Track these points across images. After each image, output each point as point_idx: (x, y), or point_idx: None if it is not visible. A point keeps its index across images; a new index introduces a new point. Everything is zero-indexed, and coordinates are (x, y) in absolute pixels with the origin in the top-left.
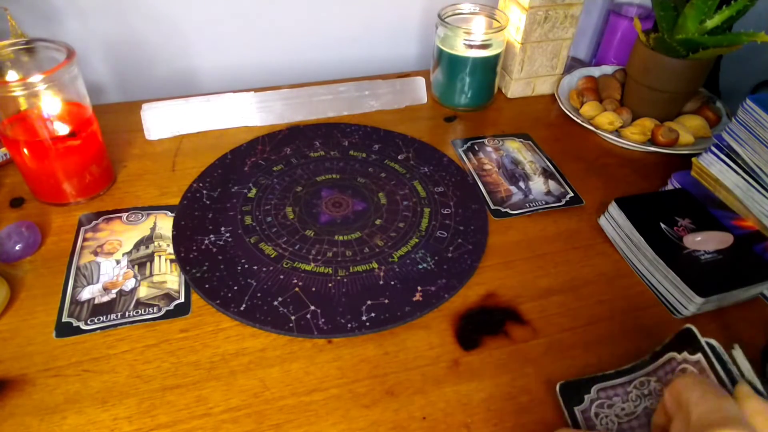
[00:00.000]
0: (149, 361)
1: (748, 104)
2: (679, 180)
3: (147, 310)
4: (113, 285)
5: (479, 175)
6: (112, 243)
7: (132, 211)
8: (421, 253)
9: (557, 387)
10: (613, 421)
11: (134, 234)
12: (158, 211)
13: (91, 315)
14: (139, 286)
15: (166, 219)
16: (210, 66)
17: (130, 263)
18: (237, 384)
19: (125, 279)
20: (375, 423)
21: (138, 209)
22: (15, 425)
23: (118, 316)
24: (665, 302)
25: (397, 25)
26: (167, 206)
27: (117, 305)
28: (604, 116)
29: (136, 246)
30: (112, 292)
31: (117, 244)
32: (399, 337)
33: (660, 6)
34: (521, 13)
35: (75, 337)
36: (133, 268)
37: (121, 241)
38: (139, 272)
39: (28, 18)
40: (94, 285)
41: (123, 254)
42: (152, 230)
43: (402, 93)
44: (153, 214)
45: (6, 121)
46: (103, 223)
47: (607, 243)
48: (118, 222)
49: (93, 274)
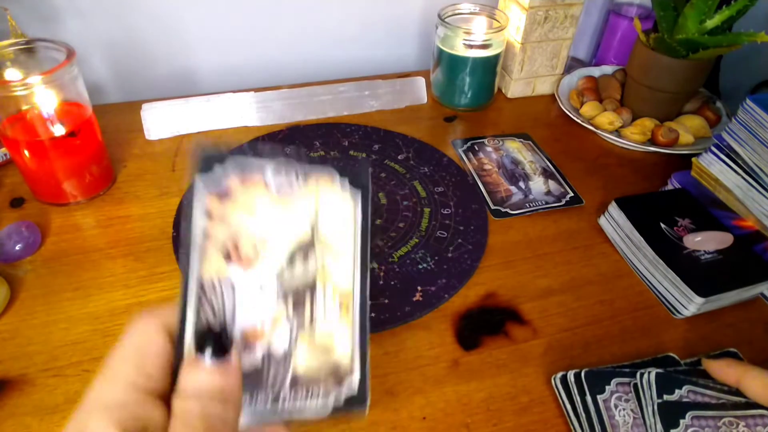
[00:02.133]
0: None
1: (748, 104)
2: (679, 180)
3: (308, 400)
4: (256, 336)
5: (479, 175)
6: (250, 237)
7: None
8: (421, 253)
9: (582, 374)
10: (629, 415)
11: (286, 220)
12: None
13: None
14: (296, 348)
15: (331, 187)
16: (210, 66)
17: (282, 292)
18: None
19: (275, 326)
20: (375, 423)
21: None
22: (15, 425)
23: (267, 403)
24: (665, 302)
25: (397, 25)
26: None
27: (264, 378)
28: (604, 116)
29: (290, 256)
30: (257, 351)
31: (257, 244)
32: (399, 337)
33: (660, 6)
34: (521, 13)
35: (75, 335)
36: (285, 304)
37: (263, 238)
38: (294, 314)
39: (28, 18)
40: (228, 326)
41: (267, 268)
42: (314, 222)
43: (402, 93)
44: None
45: (6, 121)
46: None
47: (607, 243)
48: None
49: (223, 304)
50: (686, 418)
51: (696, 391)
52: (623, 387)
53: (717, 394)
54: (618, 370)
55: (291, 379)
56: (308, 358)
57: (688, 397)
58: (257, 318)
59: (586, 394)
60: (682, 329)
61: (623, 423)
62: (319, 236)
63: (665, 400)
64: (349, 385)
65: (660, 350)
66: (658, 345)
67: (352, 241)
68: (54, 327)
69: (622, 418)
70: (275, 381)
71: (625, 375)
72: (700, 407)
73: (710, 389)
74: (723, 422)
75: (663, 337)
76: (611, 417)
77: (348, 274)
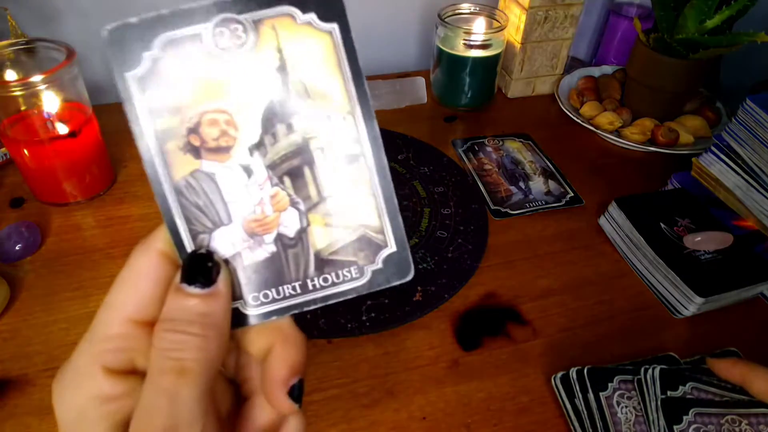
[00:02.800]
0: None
1: (748, 104)
2: (679, 180)
3: (342, 281)
4: (261, 225)
5: (479, 175)
6: (214, 121)
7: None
8: (421, 253)
9: (585, 371)
10: (631, 412)
11: (246, 87)
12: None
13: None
14: (311, 228)
15: (296, 29)
16: None
17: (274, 170)
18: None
19: (279, 209)
20: (375, 423)
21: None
22: (15, 425)
23: (296, 293)
24: (665, 302)
25: (397, 25)
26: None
27: (285, 268)
28: (604, 116)
29: (266, 125)
30: (267, 241)
31: (222, 125)
32: (399, 337)
33: (660, 6)
34: (521, 13)
35: (75, 335)
36: (282, 182)
37: (227, 117)
38: (297, 191)
39: (28, 18)
40: (227, 226)
41: (244, 149)
42: (283, 77)
43: (402, 93)
44: (269, 20)
45: (6, 121)
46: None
47: (607, 243)
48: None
49: (210, 201)
50: (689, 414)
51: (700, 388)
52: (626, 384)
53: (721, 392)
54: (621, 368)
55: (315, 263)
56: (328, 236)
57: (692, 393)
58: (255, 207)
59: (588, 391)
60: (682, 329)
61: (625, 420)
62: (297, 91)
63: (669, 397)
64: (386, 259)
65: (660, 350)
66: (658, 345)
67: (341, 87)
68: (54, 327)
69: (624, 416)
70: (298, 268)
71: (628, 372)
72: (703, 404)
73: (714, 387)
74: (726, 420)
75: (663, 337)
76: (613, 414)
77: (349, 128)
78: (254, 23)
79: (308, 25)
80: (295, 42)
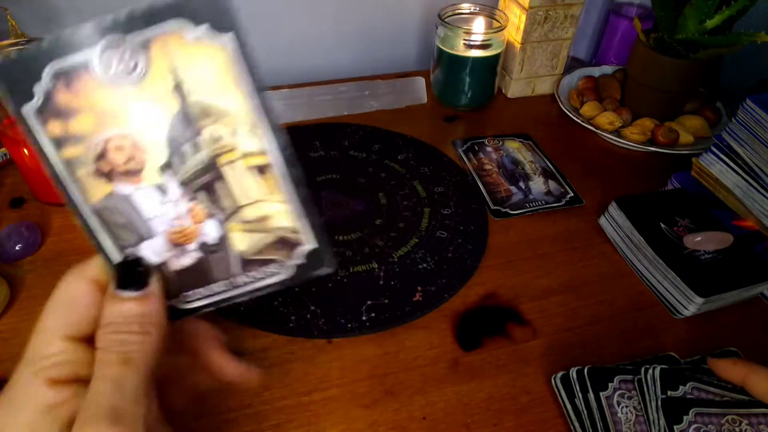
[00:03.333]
0: None
1: (748, 104)
2: (679, 180)
3: (267, 276)
4: (183, 236)
5: (479, 175)
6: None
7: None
8: (421, 253)
9: (585, 370)
10: (631, 412)
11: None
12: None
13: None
14: (230, 234)
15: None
16: None
17: (187, 186)
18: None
19: (197, 220)
20: (375, 423)
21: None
22: None
23: (226, 291)
24: (665, 302)
25: (397, 25)
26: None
27: (210, 272)
28: (604, 116)
29: (171, 145)
30: (191, 249)
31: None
32: (399, 337)
33: (660, 6)
34: (521, 13)
35: None
36: (197, 195)
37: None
38: (211, 202)
39: (28, 18)
40: (150, 240)
41: (153, 170)
42: (181, 96)
43: (402, 93)
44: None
45: (6, 121)
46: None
47: (607, 243)
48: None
49: (130, 219)
50: (690, 414)
51: (700, 388)
52: (626, 384)
53: (721, 392)
54: (621, 368)
55: (239, 265)
56: (248, 240)
57: (692, 393)
58: (173, 221)
59: (588, 390)
60: (682, 329)
61: (626, 420)
62: (198, 111)
63: (669, 396)
64: (308, 255)
65: (660, 350)
66: (658, 345)
67: (242, 102)
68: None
69: (624, 415)
70: (222, 270)
71: (628, 372)
72: (703, 404)
73: (714, 386)
74: (726, 420)
75: (663, 337)
76: (614, 414)
77: (255, 141)
78: (143, 46)
79: (199, 42)
80: (188, 62)
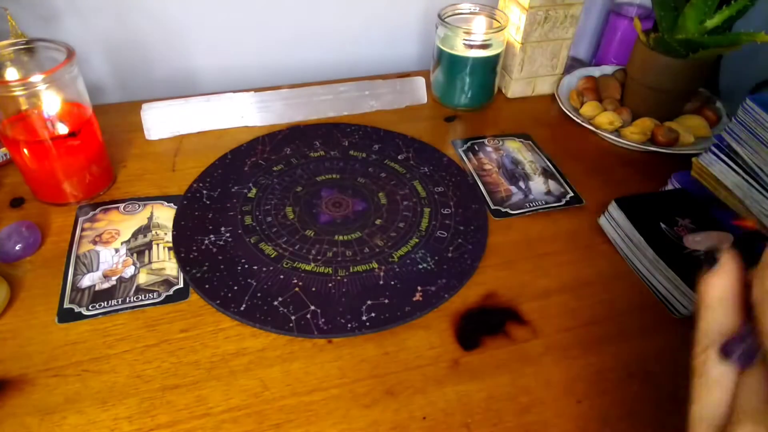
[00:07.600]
0: (149, 361)
1: (748, 104)
2: (679, 180)
3: (147, 295)
4: (113, 272)
5: (479, 175)
6: (110, 233)
7: (129, 202)
8: (421, 253)
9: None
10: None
11: (132, 224)
12: (155, 201)
13: (93, 301)
14: (139, 273)
15: (164, 209)
16: (210, 66)
17: (129, 251)
18: (237, 384)
19: (125, 266)
20: (375, 423)
21: (135, 200)
22: (15, 425)
23: (119, 301)
24: (665, 302)
25: (397, 25)
26: (164, 196)
27: (117, 291)
28: (604, 116)
29: (134, 235)
30: (113, 279)
31: (115, 234)
32: (399, 337)
33: (660, 6)
34: (521, 13)
35: (75, 335)
36: (132, 256)
37: (119, 231)
38: (138, 260)
39: (28, 18)
40: (95, 273)
41: (122, 243)
42: (150, 219)
43: (402, 93)
44: (150, 204)
45: (6, 121)
46: (101, 213)
47: (607, 243)
48: (116, 212)
49: (93, 263)
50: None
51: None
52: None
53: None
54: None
55: (135, 290)
56: (147, 278)
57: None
58: (113, 265)
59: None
60: (682, 329)
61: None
62: (154, 223)
63: None
64: (175, 291)
65: (660, 350)
66: (658, 345)
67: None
68: (54, 327)
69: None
70: (125, 293)
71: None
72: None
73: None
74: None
75: (663, 337)
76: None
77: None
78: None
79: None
80: (162, 212)
